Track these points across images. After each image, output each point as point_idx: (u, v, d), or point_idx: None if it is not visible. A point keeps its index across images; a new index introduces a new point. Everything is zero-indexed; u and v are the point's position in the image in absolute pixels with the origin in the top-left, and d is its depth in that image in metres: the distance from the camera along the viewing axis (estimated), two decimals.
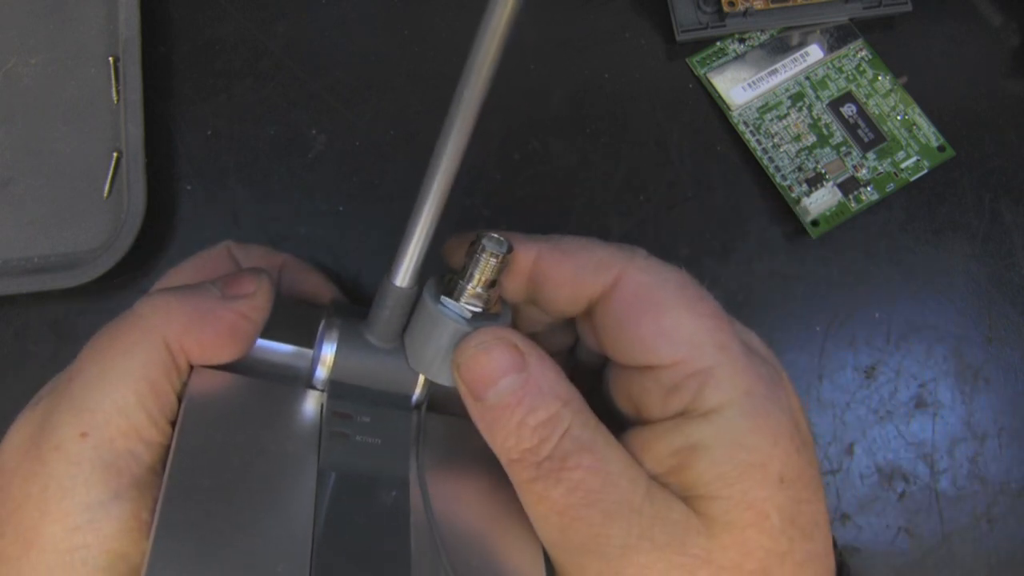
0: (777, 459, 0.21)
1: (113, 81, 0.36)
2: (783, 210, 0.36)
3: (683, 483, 0.21)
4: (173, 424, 0.22)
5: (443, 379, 0.23)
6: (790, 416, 0.21)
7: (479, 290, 0.23)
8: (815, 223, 0.35)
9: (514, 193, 0.36)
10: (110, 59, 0.36)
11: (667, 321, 0.22)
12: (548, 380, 0.22)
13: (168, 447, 0.22)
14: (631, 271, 0.22)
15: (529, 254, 0.23)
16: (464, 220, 0.36)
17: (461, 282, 0.23)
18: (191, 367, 0.23)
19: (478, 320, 0.23)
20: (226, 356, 0.23)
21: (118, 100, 0.36)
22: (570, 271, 0.23)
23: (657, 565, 0.20)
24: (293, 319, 0.25)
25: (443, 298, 0.23)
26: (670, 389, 0.21)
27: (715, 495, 0.20)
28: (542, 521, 0.21)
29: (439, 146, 0.20)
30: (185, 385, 0.23)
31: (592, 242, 0.23)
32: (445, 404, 0.26)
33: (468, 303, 0.23)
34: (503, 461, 0.22)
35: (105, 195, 0.35)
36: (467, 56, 0.18)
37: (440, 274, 0.24)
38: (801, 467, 0.21)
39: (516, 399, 0.21)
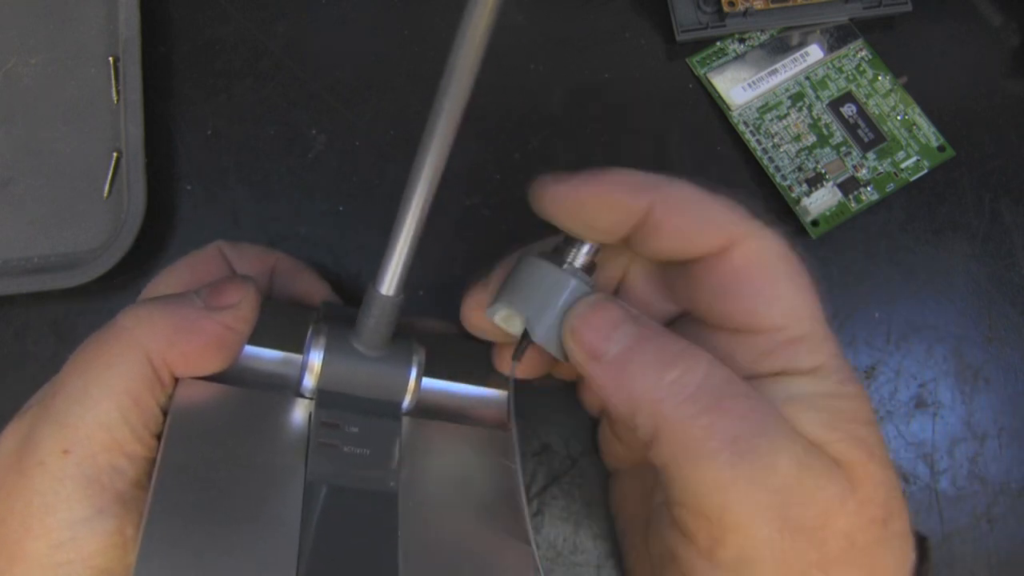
0: (867, 405, 0.22)
1: (113, 81, 0.36)
2: (783, 210, 0.36)
3: None
4: (159, 437, 0.22)
5: (554, 348, 0.23)
6: None
7: (586, 259, 0.24)
8: (815, 223, 0.35)
9: (514, 193, 0.36)
10: (110, 59, 0.36)
11: (774, 291, 0.23)
12: (661, 328, 0.22)
13: (153, 460, 0.21)
14: (742, 237, 0.23)
15: (641, 203, 0.23)
16: (464, 220, 0.36)
17: (572, 250, 0.24)
18: (176, 379, 0.23)
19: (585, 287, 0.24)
20: (211, 368, 0.23)
21: (118, 100, 0.36)
22: (685, 226, 0.23)
23: (825, 491, 0.20)
24: (282, 323, 0.25)
25: (565, 264, 0.24)
26: (764, 352, 0.23)
27: (827, 439, 0.21)
28: (709, 460, 0.20)
29: (420, 154, 0.20)
30: (171, 397, 0.22)
31: (706, 197, 0.23)
32: (434, 410, 0.26)
33: (582, 267, 0.24)
34: (642, 414, 0.21)
35: (105, 195, 0.35)
36: (447, 60, 0.18)
37: (526, 247, 0.25)
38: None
39: (639, 342, 0.22)
